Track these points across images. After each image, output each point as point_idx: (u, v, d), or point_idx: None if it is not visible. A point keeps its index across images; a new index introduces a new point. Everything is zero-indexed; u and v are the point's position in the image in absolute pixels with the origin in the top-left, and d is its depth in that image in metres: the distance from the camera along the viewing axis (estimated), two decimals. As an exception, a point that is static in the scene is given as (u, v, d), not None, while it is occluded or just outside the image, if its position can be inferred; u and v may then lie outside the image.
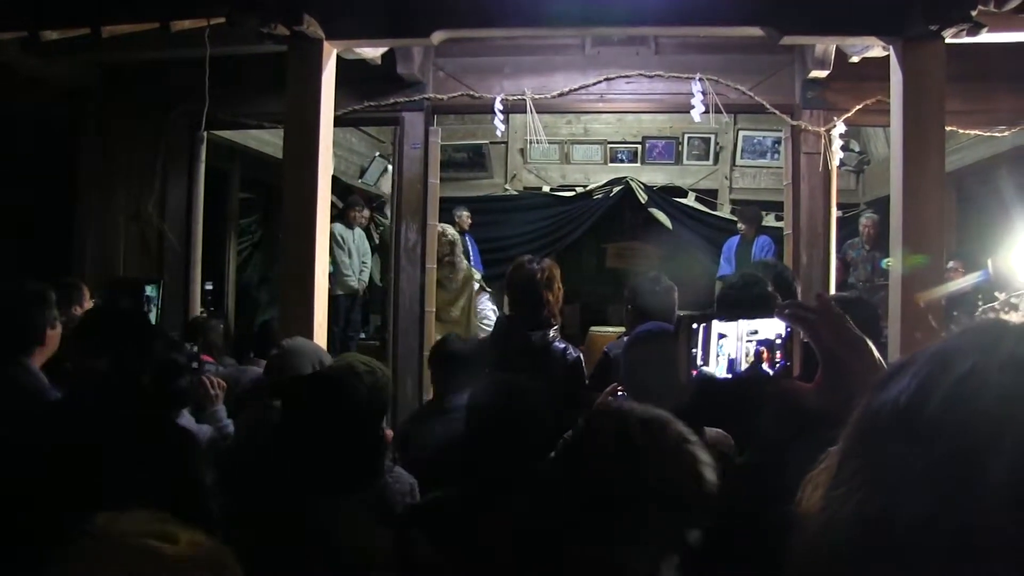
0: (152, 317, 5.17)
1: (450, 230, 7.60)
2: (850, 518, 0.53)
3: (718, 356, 1.27)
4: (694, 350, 1.26)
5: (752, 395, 1.90)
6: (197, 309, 6.59)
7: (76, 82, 6.15)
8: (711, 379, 1.28)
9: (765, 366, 1.27)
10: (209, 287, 7.97)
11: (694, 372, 1.27)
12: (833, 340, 1.12)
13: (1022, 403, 0.49)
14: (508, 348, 3.82)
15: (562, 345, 3.94)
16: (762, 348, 1.27)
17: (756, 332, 1.27)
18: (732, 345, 1.27)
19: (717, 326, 1.27)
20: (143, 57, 5.64)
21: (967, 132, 5.82)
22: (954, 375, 0.53)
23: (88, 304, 4.55)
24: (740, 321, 1.27)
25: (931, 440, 0.51)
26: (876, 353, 1.08)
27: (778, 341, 1.27)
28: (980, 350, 0.54)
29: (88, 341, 2.54)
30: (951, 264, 6.11)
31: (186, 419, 3.42)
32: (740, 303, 3.33)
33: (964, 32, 4.08)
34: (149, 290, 5.27)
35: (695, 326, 1.26)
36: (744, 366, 1.27)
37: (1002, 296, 3.88)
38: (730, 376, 1.28)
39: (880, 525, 0.51)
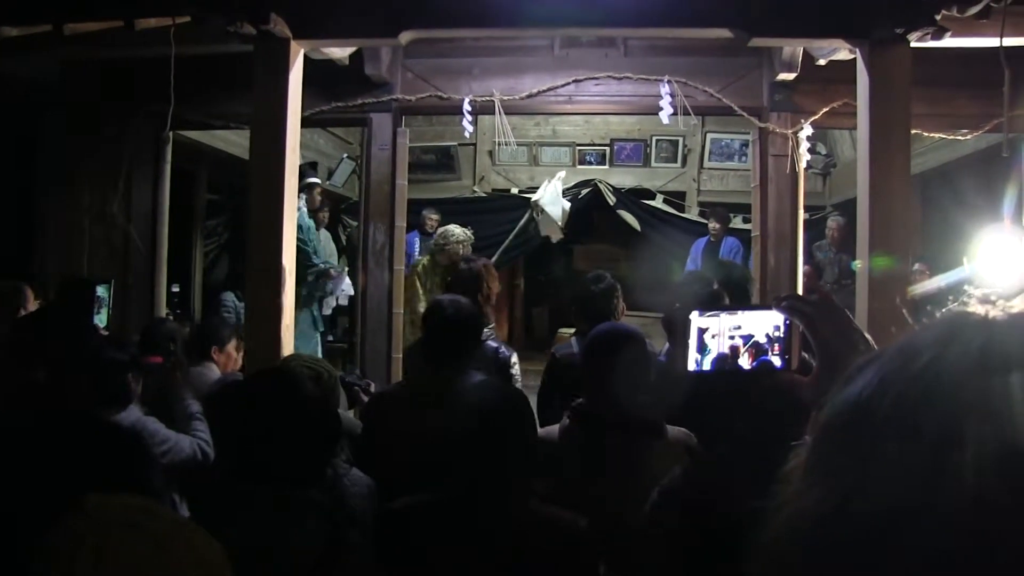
0: (102, 318, 5.08)
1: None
2: (806, 515, 0.53)
3: (701, 351, 1.27)
4: (691, 342, 1.26)
5: (727, 390, 1.91)
6: (163, 311, 6.51)
7: (37, 80, 6.04)
8: (700, 375, 1.28)
9: (744, 362, 1.27)
10: (176, 289, 7.88)
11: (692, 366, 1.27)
12: (830, 334, 1.12)
13: (976, 396, 0.48)
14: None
15: (495, 344, 3.98)
16: (738, 344, 1.27)
17: (739, 328, 1.26)
18: (714, 340, 1.27)
19: (697, 320, 1.26)
20: (107, 55, 5.55)
21: (931, 135, 5.89)
22: (912, 369, 0.52)
23: (33, 307, 4.46)
24: (722, 316, 1.27)
25: (886, 435, 0.50)
26: (874, 347, 1.08)
27: (764, 336, 1.26)
28: (939, 343, 0.53)
29: (22, 352, 2.47)
30: (917, 266, 6.18)
31: (131, 414, 3.39)
32: (691, 300, 3.36)
33: (929, 36, 4.13)
34: (100, 291, 5.16)
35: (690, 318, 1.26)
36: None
37: (972, 292, 3.93)
38: (705, 370, 1.28)
39: (834, 522, 0.50)
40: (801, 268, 6.17)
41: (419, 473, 2.30)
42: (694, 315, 1.28)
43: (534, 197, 7.22)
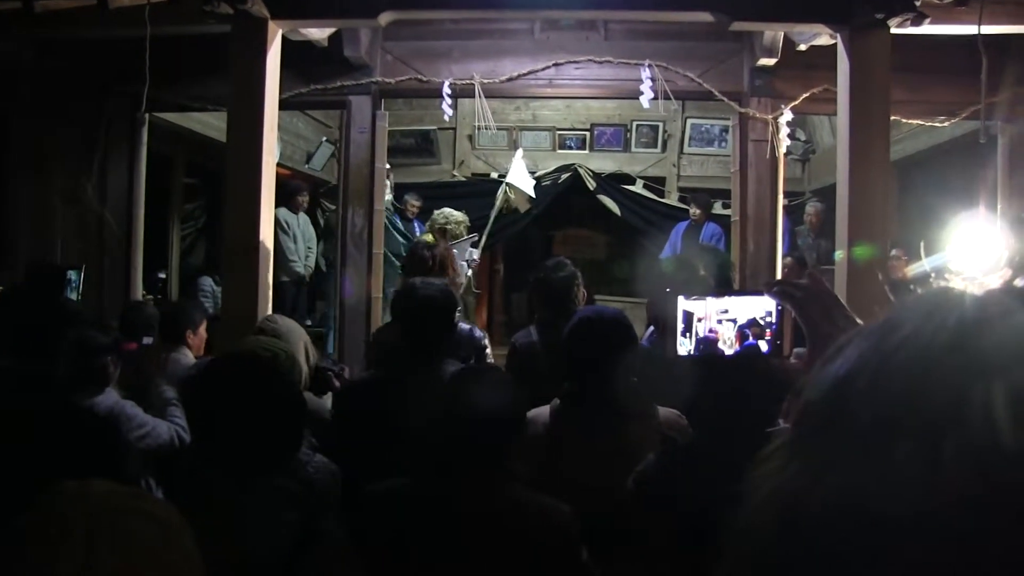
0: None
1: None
2: (782, 491, 0.52)
3: (685, 334, 1.26)
4: (681, 325, 1.26)
5: (711, 375, 1.91)
6: (139, 295, 6.45)
7: (8, 58, 5.92)
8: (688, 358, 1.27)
9: (726, 346, 1.27)
10: (162, 276, 7.84)
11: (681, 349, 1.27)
12: (821, 318, 1.12)
13: (951, 374, 0.48)
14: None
15: (468, 326, 3.94)
16: (725, 328, 1.26)
17: (727, 311, 1.26)
18: (701, 324, 1.26)
19: (683, 304, 1.26)
20: (80, 35, 5.47)
21: (909, 122, 5.92)
22: (889, 344, 0.52)
23: None
24: (708, 299, 1.26)
25: (864, 412, 0.50)
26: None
27: (750, 320, 1.26)
28: (917, 319, 0.52)
29: None
30: (894, 252, 6.21)
31: (109, 397, 3.37)
32: (681, 285, 3.35)
33: (908, 22, 4.16)
34: (71, 275, 5.11)
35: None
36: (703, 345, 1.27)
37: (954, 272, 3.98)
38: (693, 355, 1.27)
39: (808, 498, 0.50)
40: (780, 255, 6.19)
41: (396, 461, 2.28)
42: (680, 299, 1.27)
43: (507, 179, 7.19)
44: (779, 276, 6.12)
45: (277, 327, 3.33)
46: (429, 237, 6.91)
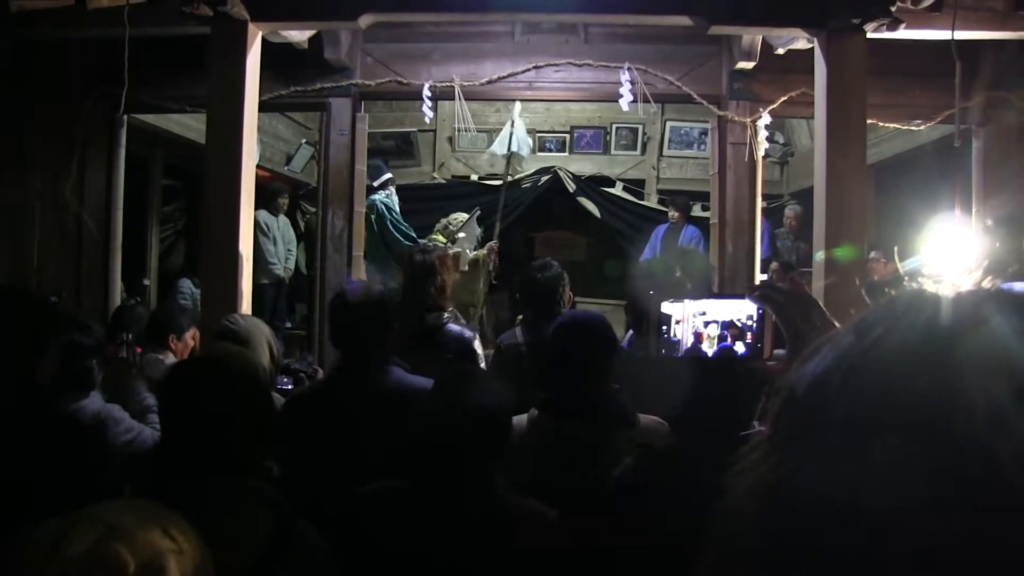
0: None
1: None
2: (764, 481, 0.53)
3: (663, 337, 1.27)
4: (664, 327, 1.27)
5: (689, 377, 1.92)
6: (118, 297, 6.41)
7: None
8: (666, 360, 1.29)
9: (706, 347, 1.28)
10: (147, 283, 7.80)
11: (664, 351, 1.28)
12: (801, 321, 1.14)
13: (919, 370, 0.49)
14: (403, 328, 3.73)
15: (457, 328, 3.92)
16: (702, 330, 1.28)
17: (704, 313, 1.27)
18: (679, 327, 1.27)
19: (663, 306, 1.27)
20: (58, 36, 5.42)
21: (886, 126, 5.98)
22: (864, 343, 0.53)
23: None
24: (686, 302, 1.28)
25: (833, 409, 0.51)
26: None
27: (728, 322, 1.27)
28: (891, 318, 0.54)
29: None
30: (873, 254, 6.27)
31: (94, 401, 3.36)
32: (663, 288, 3.35)
33: (884, 27, 4.21)
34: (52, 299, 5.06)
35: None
36: (687, 347, 1.28)
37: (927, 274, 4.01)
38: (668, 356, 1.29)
39: (788, 488, 0.51)
40: (759, 258, 6.22)
41: (337, 467, 2.27)
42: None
43: (512, 148, 7.14)
44: (763, 280, 6.17)
45: (238, 328, 3.32)
46: (440, 238, 6.92)
